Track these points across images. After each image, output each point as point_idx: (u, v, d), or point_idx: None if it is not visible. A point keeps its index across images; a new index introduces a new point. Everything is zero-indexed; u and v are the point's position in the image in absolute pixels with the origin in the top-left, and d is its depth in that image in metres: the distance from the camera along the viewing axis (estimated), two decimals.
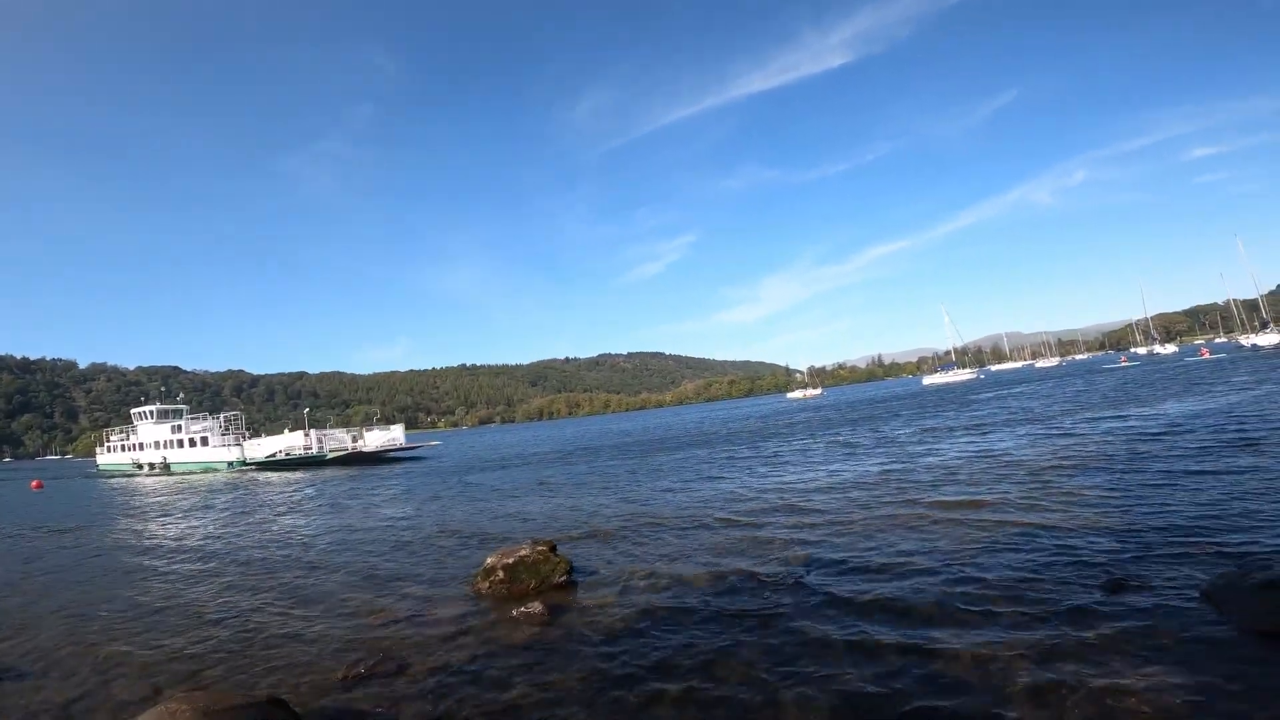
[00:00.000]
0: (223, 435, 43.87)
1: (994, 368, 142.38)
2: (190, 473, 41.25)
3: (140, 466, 48.19)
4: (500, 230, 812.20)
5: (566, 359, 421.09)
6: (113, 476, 45.59)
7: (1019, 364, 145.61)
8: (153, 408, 49.63)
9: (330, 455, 35.90)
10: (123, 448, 52.13)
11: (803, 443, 22.46)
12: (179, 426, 46.66)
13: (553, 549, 7.33)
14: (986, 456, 13.85)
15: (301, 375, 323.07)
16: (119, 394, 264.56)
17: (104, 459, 55.12)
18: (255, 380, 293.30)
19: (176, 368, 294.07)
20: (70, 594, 8.60)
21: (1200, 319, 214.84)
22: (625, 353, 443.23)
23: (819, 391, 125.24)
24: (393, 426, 40.84)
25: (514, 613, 6.08)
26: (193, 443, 44.35)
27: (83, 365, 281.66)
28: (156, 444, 47.32)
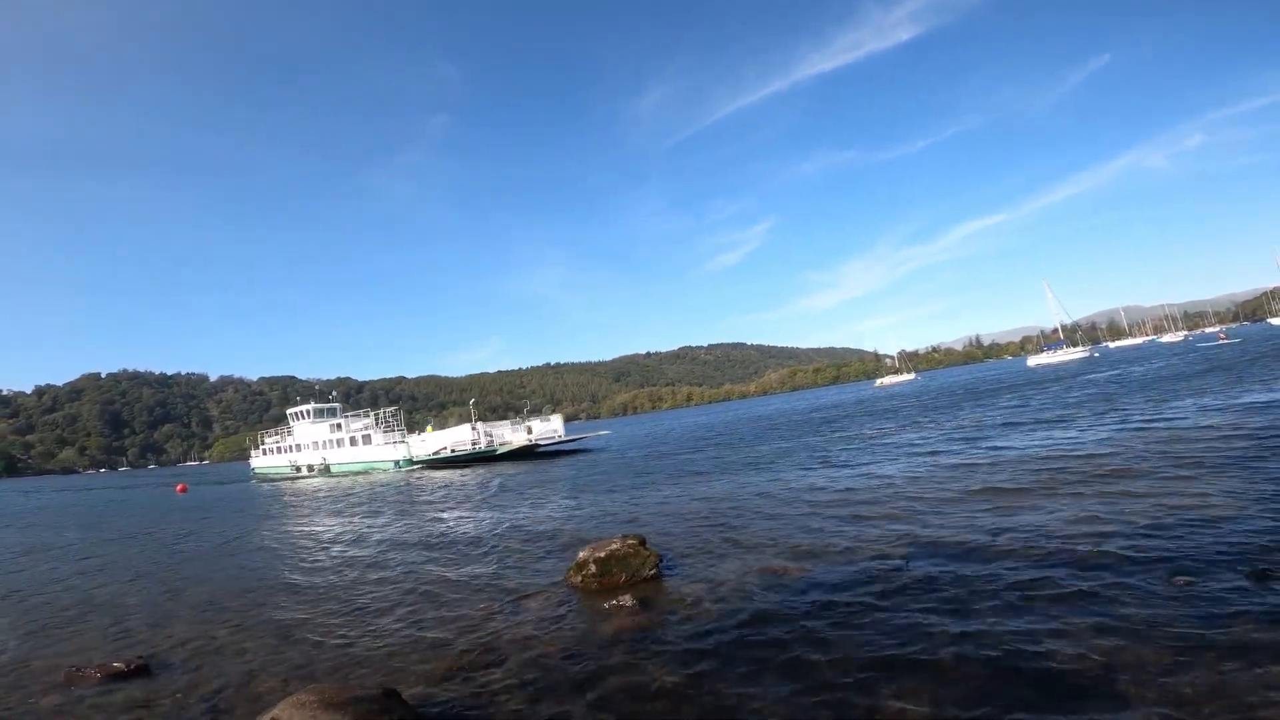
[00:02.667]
0: (384, 433, 39.36)
1: (1113, 345, 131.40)
2: (353, 473, 37.56)
3: (298, 469, 44.80)
4: (576, 228, 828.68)
5: (648, 353, 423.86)
6: (269, 480, 43.41)
7: (1139, 340, 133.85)
8: (309, 406, 46.15)
9: (501, 450, 32.68)
10: (278, 450, 49.19)
11: (871, 436, 21.59)
12: (338, 425, 42.64)
13: (643, 543, 7.40)
14: (1079, 449, 12.83)
15: (400, 379, 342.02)
16: (245, 403, 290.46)
17: (259, 462, 52.40)
18: (361, 386, 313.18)
19: (293, 377, 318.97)
20: (213, 591, 9.46)
21: None
22: (706, 344, 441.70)
23: (911, 376, 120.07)
24: (552, 417, 37.22)
25: (605, 605, 6.20)
26: (354, 441, 40.37)
27: (213, 378, 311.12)
28: (315, 444, 43.78)
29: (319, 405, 46.54)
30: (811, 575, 6.52)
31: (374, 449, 38.57)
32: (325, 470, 41.38)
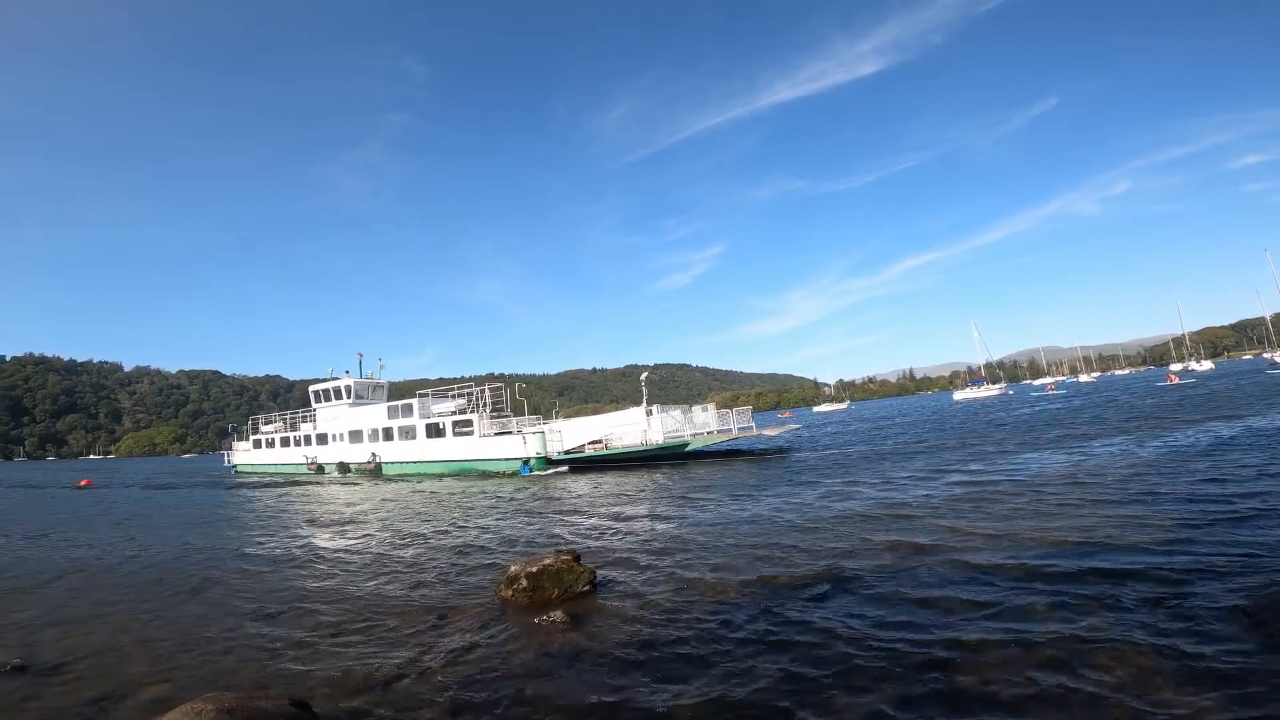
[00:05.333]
0: (494, 419, 28.74)
1: (1036, 383, 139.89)
2: (427, 477, 27.26)
3: (320, 468, 34.38)
4: (528, 239, 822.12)
5: (593, 369, 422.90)
6: (267, 484, 30.48)
7: (1049, 379, 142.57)
8: (345, 381, 34.84)
9: (695, 445, 24.31)
10: (283, 442, 38.27)
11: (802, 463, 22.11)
12: (401, 407, 31.37)
13: (576, 559, 7.31)
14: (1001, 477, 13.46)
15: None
16: (161, 396, 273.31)
17: (244, 457, 41.92)
18: (291, 385, 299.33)
19: (217, 372, 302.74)
20: (115, 596, 8.81)
21: (1247, 333, 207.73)
22: (652, 364, 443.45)
23: (845, 405, 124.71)
24: (709, 406, 27.54)
25: (535, 621, 6.07)
26: (436, 431, 29.12)
27: (128, 368, 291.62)
28: (353, 435, 33.17)
29: (363, 381, 35.67)
30: (740, 598, 6.54)
31: (479, 443, 27.38)
32: (374, 471, 30.95)
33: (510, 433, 27.07)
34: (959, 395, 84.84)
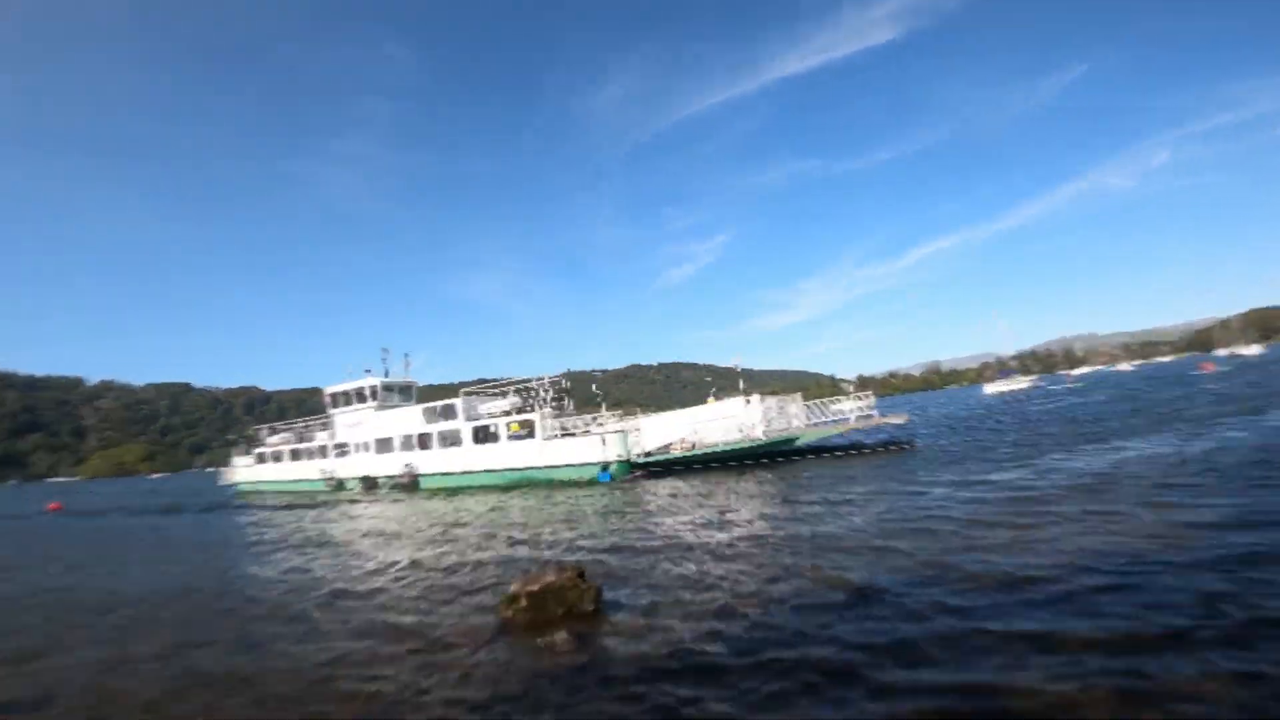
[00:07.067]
0: (557, 418, 25.98)
1: (1074, 373, 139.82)
2: (477, 489, 24.93)
3: (339, 483, 31.99)
4: (524, 234, 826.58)
5: (594, 370, 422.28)
6: (280, 505, 27.47)
7: (1087, 369, 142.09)
8: (370, 382, 32.31)
9: (806, 439, 23.22)
10: (294, 454, 35.81)
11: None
12: (447, 410, 28.26)
13: (581, 575, 7.35)
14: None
15: (315, 391, 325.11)
16: (128, 411, 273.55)
17: (246, 474, 39.38)
18: (268, 397, 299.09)
19: (187, 385, 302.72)
20: (112, 620, 8.97)
21: None
22: (655, 363, 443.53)
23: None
24: (797, 397, 25.95)
25: (538, 642, 6.19)
26: (486, 435, 26.39)
27: (90, 382, 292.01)
28: (383, 444, 30.39)
29: (391, 381, 32.94)
30: (750, 616, 6.58)
31: (541, 447, 24.70)
32: (409, 485, 28.11)
33: (575, 433, 24.92)
34: (989, 389, 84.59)
